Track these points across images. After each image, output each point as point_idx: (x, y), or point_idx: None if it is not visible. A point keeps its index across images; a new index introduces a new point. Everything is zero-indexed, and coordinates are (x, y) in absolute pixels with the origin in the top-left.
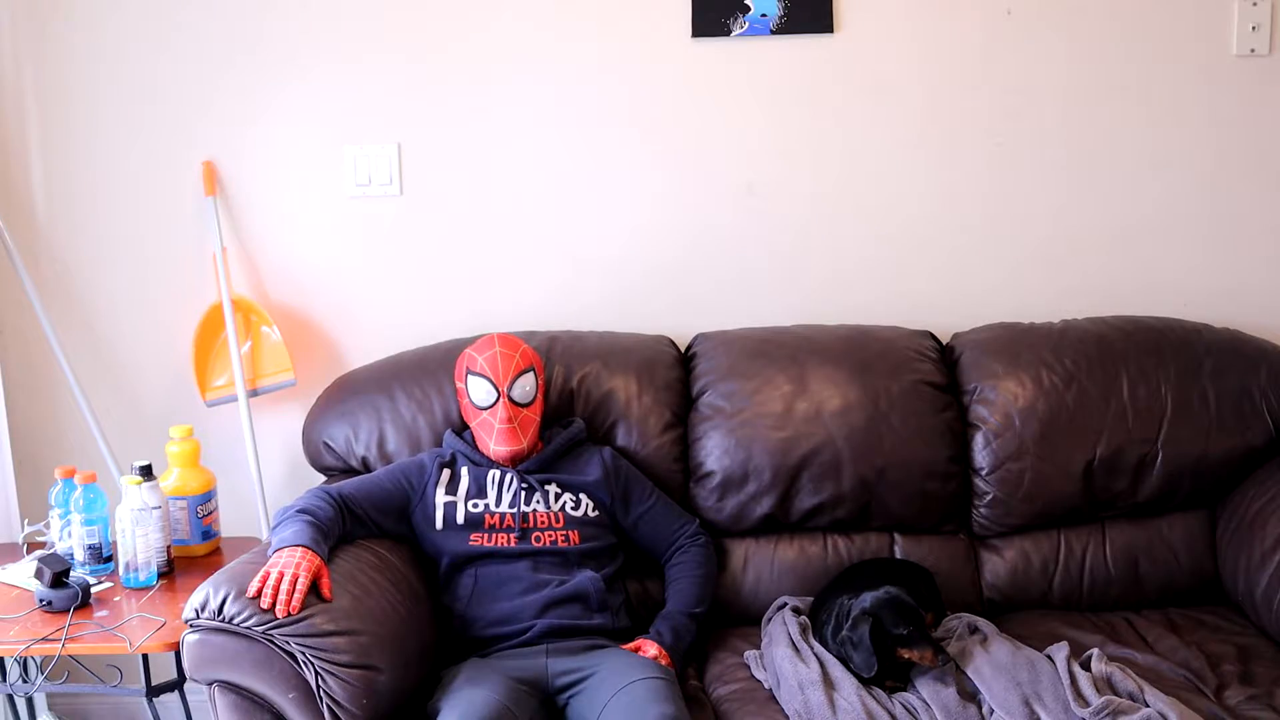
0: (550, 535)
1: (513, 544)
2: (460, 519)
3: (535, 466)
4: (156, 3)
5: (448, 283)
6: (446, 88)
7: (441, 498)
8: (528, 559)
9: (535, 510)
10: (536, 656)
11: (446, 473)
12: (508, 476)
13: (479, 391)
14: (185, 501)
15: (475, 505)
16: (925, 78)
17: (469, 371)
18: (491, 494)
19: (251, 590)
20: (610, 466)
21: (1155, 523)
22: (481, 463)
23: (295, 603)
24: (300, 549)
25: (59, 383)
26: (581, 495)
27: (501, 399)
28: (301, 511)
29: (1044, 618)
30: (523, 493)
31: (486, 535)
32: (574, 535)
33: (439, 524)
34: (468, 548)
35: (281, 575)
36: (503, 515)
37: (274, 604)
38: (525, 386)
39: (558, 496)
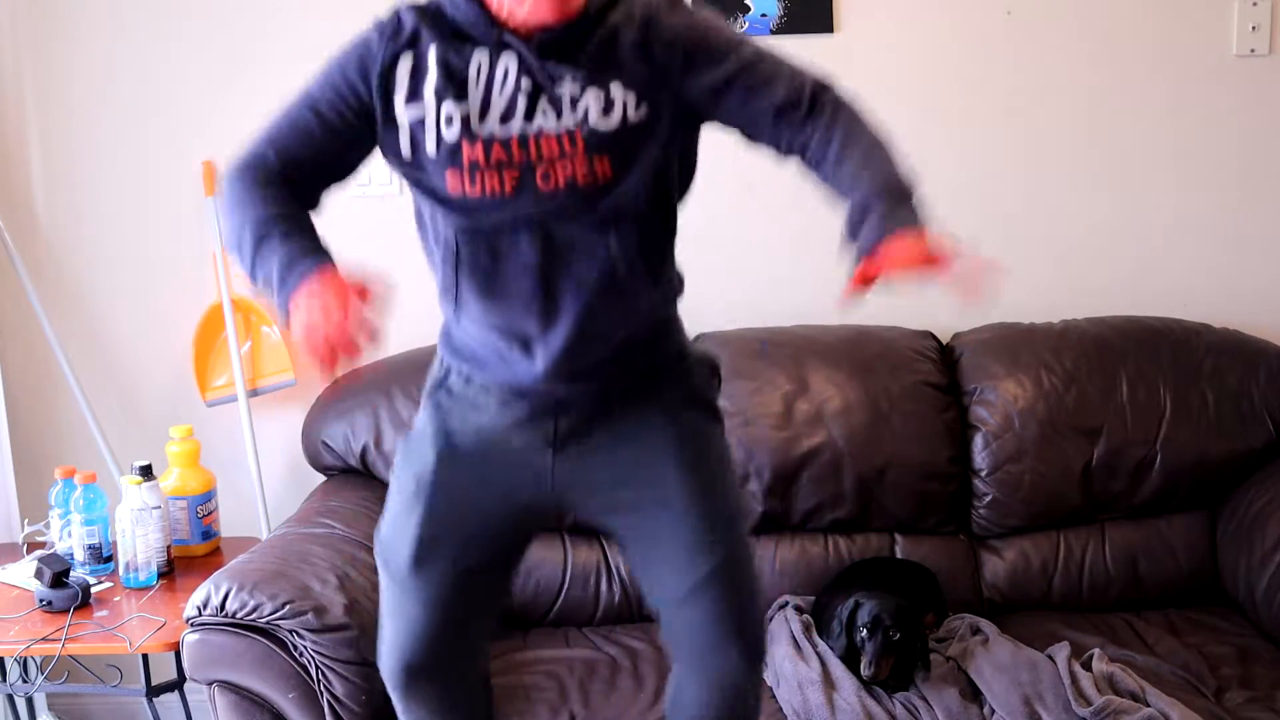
0: (564, 168)
1: (508, 191)
2: (430, 145)
3: (553, 40)
4: (157, 2)
5: None
6: None
7: (404, 111)
8: (532, 219)
9: (541, 129)
10: (531, 452)
11: (405, 62)
12: (503, 63)
13: None
14: (185, 501)
15: (450, 120)
16: (925, 78)
17: None
18: (475, 95)
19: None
20: (661, 21)
21: (1155, 524)
22: (465, 31)
23: (361, 338)
24: (311, 276)
25: (59, 383)
26: (615, 86)
27: None
28: (261, 218)
29: (1044, 619)
30: (523, 98)
31: (468, 177)
32: (603, 164)
33: (406, 151)
34: (445, 196)
35: (324, 334)
36: (489, 141)
37: (334, 362)
38: None
39: (575, 99)
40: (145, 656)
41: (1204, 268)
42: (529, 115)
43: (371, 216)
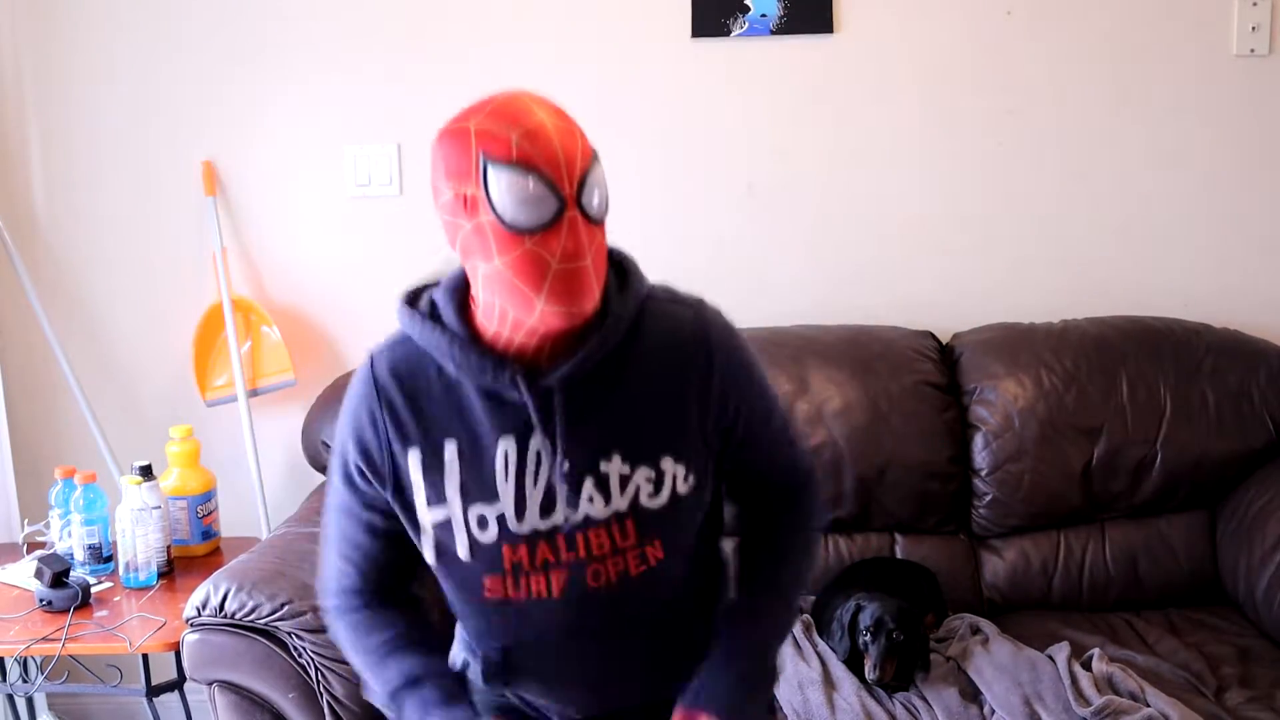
0: (616, 564)
1: (555, 594)
2: (463, 550)
3: (578, 376)
4: (157, 2)
5: None
6: (446, 87)
7: (426, 514)
8: (584, 619)
9: (589, 517)
10: None
11: (414, 458)
12: (534, 446)
13: (516, 201)
14: (185, 501)
15: (483, 522)
16: (925, 78)
17: (487, 159)
18: (507, 491)
19: None
20: (720, 371)
21: (1155, 523)
22: (475, 383)
23: None
24: None
25: (59, 383)
26: (666, 461)
27: (569, 212)
28: (402, 675)
29: (1044, 618)
30: (562, 484)
31: (510, 580)
32: (655, 549)
33: (432, 556)
34: (480, 601)
35: None
36: (533, 539)
37: None
38: (598, 186)
39: (625, 479)
40: (145, 656)
41: (1204, 268)
42: (573, 503)
43: (372, 217)
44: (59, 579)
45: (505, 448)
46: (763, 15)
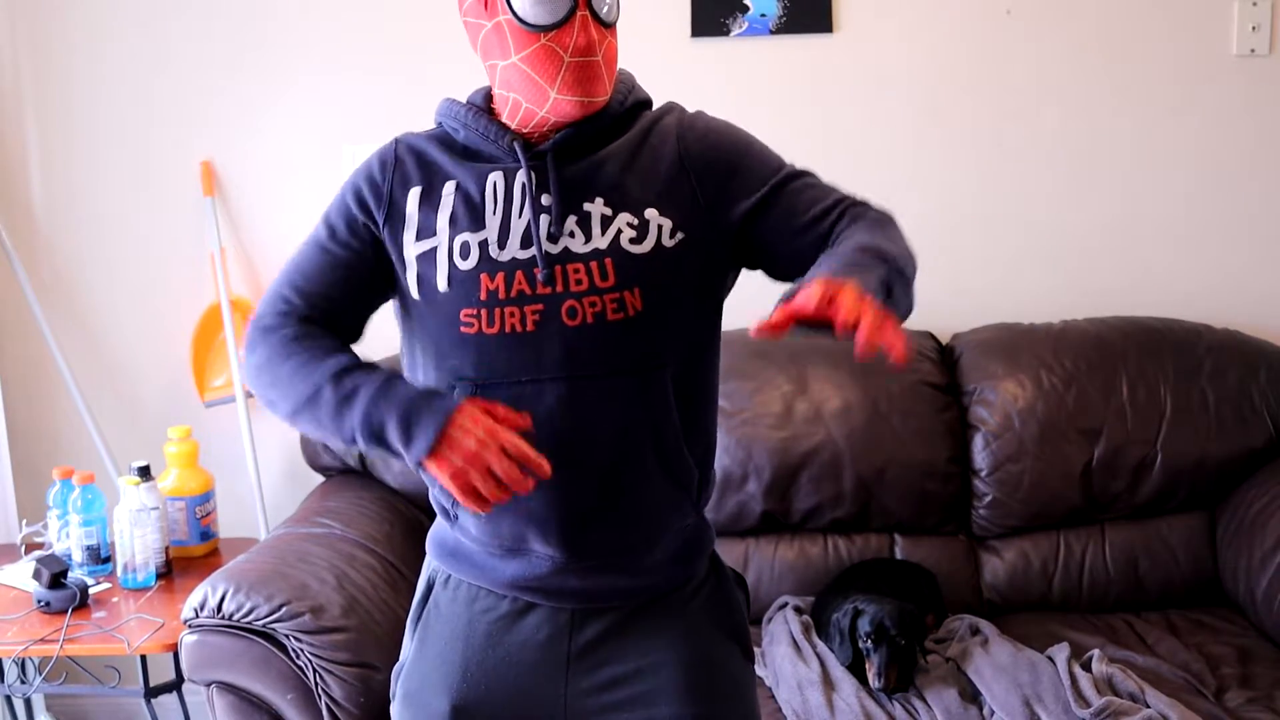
0: (592, 303)
1: (529, 327)
2: (442, 280)
3: (574, 139)
4: (156, 4)
5: None
6: (445, 87)
7: (412, 248)
8: (556, 364)
9: (568, 250)
10: (545, 683)
11: (413, 194)
12: (520, 179)
13: (531, 1)
14: (183, 502)
15: (466, 250)
16: (924, 78)
17: None
18: (493, 220)
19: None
20: (698, 140)
21: (1155, 524)
22: (476, 150)
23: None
24: (453, 409)
25: (57, 383)
26: (650, 212)
27: (580, 11)
28: (334, 371)
29: (1044, 619)
30: (545, 216)
31: (485, 313)
32: (634, 296)
33: (414, 290)
34: (458, 338)
35: (482, 462)
36: (511, 268)
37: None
38: None
39: (606, 220)
40: (143, 657)
41: (1204, 268)
42: (554, 236)
43: None
44: (57, 580)
45: (495, 179)
46: (762, 15)
